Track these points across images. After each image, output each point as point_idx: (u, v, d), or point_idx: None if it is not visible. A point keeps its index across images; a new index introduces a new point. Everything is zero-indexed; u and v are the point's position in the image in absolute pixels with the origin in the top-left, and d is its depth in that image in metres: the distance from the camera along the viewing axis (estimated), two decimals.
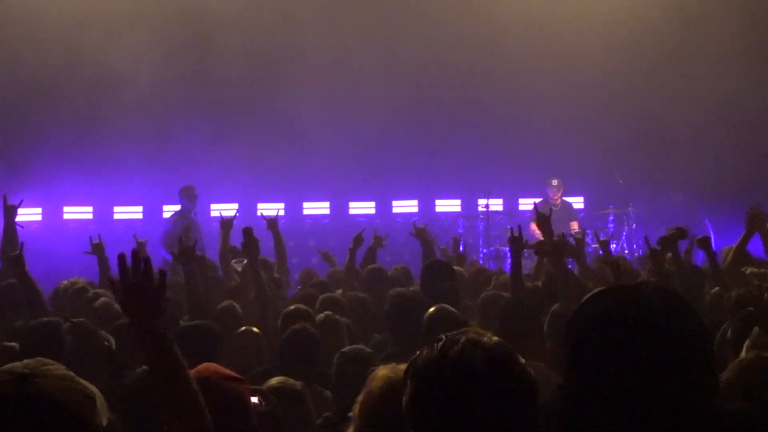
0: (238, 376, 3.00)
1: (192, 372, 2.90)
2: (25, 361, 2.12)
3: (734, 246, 8.01)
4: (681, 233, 7.59)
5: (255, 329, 6.05)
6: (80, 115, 15.10)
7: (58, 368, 2.12)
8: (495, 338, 2.15)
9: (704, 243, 7.69)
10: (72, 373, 2.12)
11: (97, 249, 8.79)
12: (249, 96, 15.60)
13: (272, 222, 9.33)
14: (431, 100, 16.37)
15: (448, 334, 2.20)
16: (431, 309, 5.28)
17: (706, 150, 15.83)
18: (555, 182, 14.86)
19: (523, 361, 2.13)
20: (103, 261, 8.72)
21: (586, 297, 2.12)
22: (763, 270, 7.48)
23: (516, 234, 6.86)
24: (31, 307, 6.53)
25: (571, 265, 8.53)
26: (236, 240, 9.66)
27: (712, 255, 7.45)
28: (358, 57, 15.69)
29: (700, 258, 9.10)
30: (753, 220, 7.93)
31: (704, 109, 15.58)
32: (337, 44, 15.61)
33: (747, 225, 7.96)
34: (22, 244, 7.08)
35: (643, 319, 2.02)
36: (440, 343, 2.18)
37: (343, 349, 5.02)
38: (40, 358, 2.14)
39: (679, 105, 15.92)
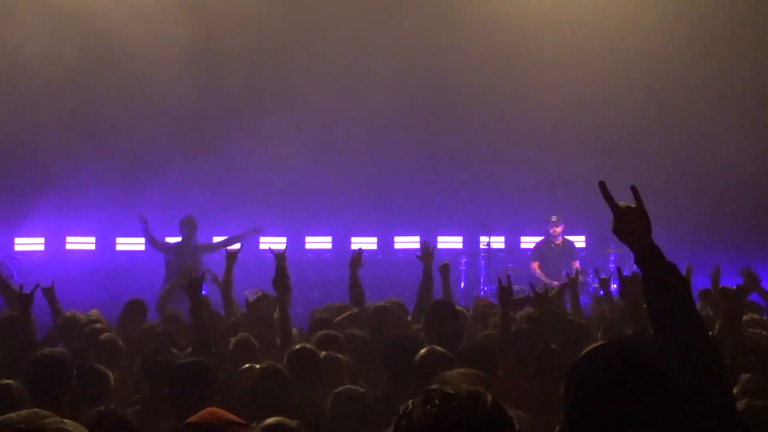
0: (243, 422, 3.02)
1: (197, 417, 2.92)
2: (21, 413, 2.05)
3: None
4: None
5: (257, 366, 6.03)
6: (84, 150, 15.21)
7: (56, 421, 2.06)
8: (489, 398, 2.14)
9: (706, 295, 7.75)
10: (71, 426, 2.08)
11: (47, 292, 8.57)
12: (250, 129, 15.68)
13: (280, 256, 9.35)
14: (434, 138, 16.47)
15: (434, 388, 2.17)
16: (423, 350, 5.35)
17: (707, 191, 15.95)
18: (554, 218, 14.93)
19: (516, 425, 2.12)
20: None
21: (584, 352, 2.16)
22: (759, 316, 7.53)
23: (504, 284, 6.91)
24: (23, 342, 6.57)
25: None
26: (237, 273, 9.74)
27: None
28: (361, 93, 15.77)
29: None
30: (747, 282, 8.05)
31: (707, 147, 15.69)
32: (340, 80, 15.70)
33: (743, 284, 8.05)
34: (36, 285, 7.15)
35: (638, 374, 2.05)
36: (430, 405, 2.14)
37: (336, 390, 5.04)
38: (36, 410, 2.08)
39: (682, 143, 16.03)
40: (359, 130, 15.86)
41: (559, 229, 14.94)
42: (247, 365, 6.03)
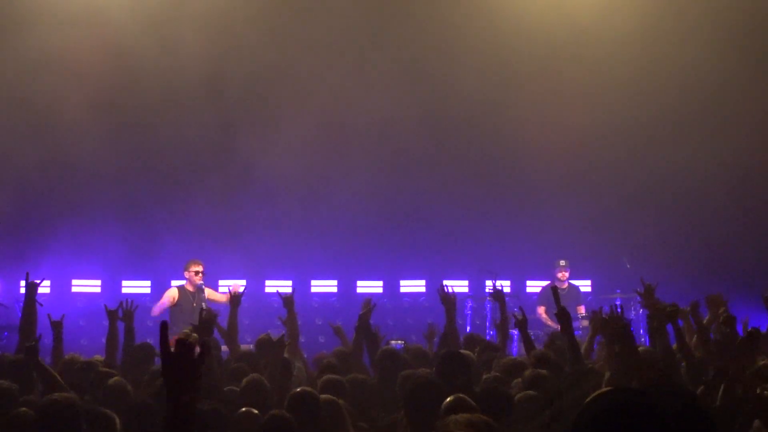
0: None
1: None
2: None
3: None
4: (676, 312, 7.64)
5: (255, 411, 5.99)
6: (90, 192, 15.34)
7: None
8: None
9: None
10: None
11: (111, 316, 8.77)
12: (252, 172, 15.76)
13: (288, 300, 9.32)
14: (440, 182, 16.50)
15: None
16: (449, 399, 5.31)
17: (716, 237, 15.95)
18: (562, 263, 14.95)
19: None
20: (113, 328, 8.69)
21: (590, 398, 2.16)
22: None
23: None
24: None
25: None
26: (242, 316, 9.73)
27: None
28: (365, 138, 15.87)
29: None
30: None
31: (715, 196, 15.75)
32: (345, 125, 15.79)
33: None
34: (39, 335, 7.19)
35: (644, 422, 2.04)
36: None
37: None
38: None
39: (689, 190, 16.05)
40: (364, 174, 15.91)
41: (566, 275, 14.96)
42: (245, 409, 6.00)
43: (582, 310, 14.57)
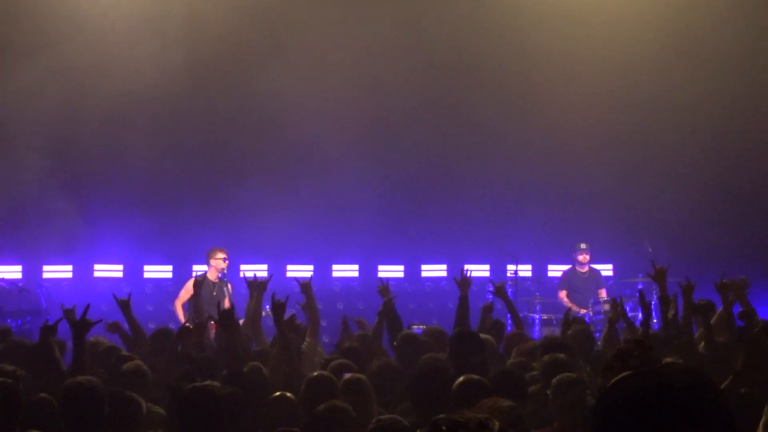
0: None
1: None
2: None
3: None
4: (709, 306, 7.61)
5: (289, 395, 5.98)
6: (113, 177, 15.40)
7: None
8: (497, 425, 2.13)
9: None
10: None
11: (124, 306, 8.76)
12: (278, 158, 15.77)
13: (306, 285, 9.28)
14: (461, 166, 16.46)
15: (443, 416, 2.16)
16: (460, 378, 5.27)
17: (738, 220, 15.84)
18: (583, 245, 14.87)
19: None
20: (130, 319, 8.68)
21: (613, 380, 2.13)
22: None
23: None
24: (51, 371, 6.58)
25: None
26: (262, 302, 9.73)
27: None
28: (387, 122, 15.84)
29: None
30: None
31: (738, 179, 15.66)
32: (368, 109, 15.76)
33: None
34: (60, 318, 7.13)
35: (668, 405, 2.03)
36: None
37: (380, 417, 4.99)
38: None
39: (712, 172, 15.95)
40: (385, 158, 15.91)
41: (587, 257, 14.88)
42: (278, 393, 6.00)
43: (603, 293, 14.52)
